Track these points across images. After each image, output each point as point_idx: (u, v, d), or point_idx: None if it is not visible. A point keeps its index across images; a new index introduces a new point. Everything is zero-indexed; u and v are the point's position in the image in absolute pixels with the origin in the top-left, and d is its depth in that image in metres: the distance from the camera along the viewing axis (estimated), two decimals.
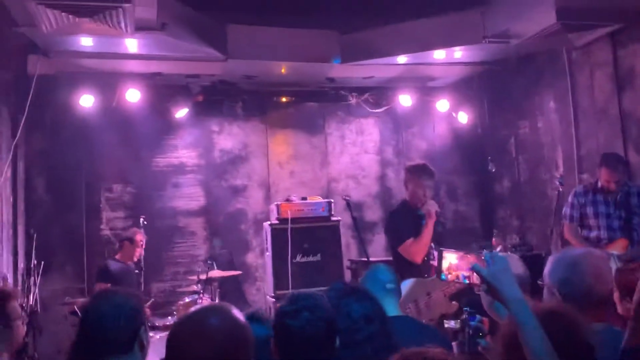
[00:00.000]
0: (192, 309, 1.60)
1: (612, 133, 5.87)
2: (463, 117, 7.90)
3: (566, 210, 5.11)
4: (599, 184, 4.90)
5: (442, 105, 7.87)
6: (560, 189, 5.24)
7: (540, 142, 7.01)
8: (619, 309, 2.86)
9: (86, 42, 5.70)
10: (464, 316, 2.60)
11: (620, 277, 2.87)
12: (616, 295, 2.88)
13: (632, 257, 4.59)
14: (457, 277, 1.86)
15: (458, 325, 2.72)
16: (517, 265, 2.47)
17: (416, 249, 4.46)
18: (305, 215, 6.35)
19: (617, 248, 4.69)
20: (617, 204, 4.82)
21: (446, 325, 2.95)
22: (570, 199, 5.11)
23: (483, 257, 1.72)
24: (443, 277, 1.88)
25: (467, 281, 1.84)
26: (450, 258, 1.88)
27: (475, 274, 1.71)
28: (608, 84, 5.92)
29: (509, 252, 5.55)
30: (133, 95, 6.85)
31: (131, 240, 6.11)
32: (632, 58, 5.62)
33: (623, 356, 1.49)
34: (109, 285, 5.81)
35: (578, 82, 6.35)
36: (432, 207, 4.51)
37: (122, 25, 4.96)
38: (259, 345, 2.02)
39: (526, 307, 1.61)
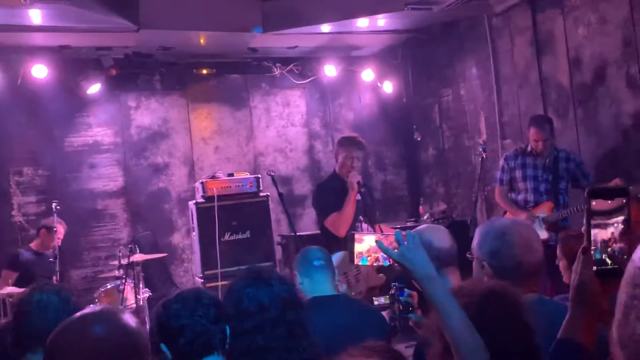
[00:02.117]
0: (75, 315, 1.39)
1: (533, 98, 5.97)
2: (388, 87, 7.87)
3: (496, 174, 5.18)
4: (529, 148, 4.96)
5: (367, 75, 7.80)
6: (484, 156, 5.27)
7: (463, 110, 7.07)
8: (566, 278, 2.87)
9: None
10: (392, 291, 2.51)
11: (566, 245, 2.88)
12: (563, 264, 2.89)
13: (556, 220, 4.70)
14: (377, 259, 1.75)
15: (387, 301, 2.64)
16: (444, 238, 2.41)
17: (339, 222, 4.37)
18: (233, 192, 6.16)
19: (543, 211, 4.77)
20: (545, 168, 4.90)
21: (375, 302, 2.88)
22: (500, 162, 5.17)
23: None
24: (364, 260, 1.76)
25: (387, 263, 1.73)
26: (369, 240, 1.76)
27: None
28: (528, 49, 5.99)
29: (434, 224, 5.57)
30: (40, 71, 6.40)
31: (48, 229, 5.76)
32: (551, 23, 5.69)
33: (558, 347, 1.42)
34: (17, 273, 5.51)
35: (499, 48, 6.40)
36: (353, 178, 4.43)
37: None
38: None
39: (440, 284, 1.52)
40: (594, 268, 1.31)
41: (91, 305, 5.20)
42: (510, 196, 5.07)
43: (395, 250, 1.56)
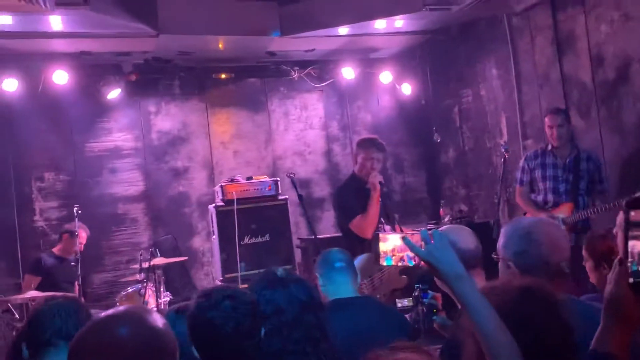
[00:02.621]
0: (100, 315, 1.38)
1: (555, 97, 5.88)
2: (407, 89, 7.82)
3: (517, 174, 5.12)
4: (549, 147, 4.90)
5: (386, 77, 7.76)
6: (506, 156, 5.20)
7: (483, 110, 7.00)
8: (592, 279, 2.81)
9: (5, 20, 5.29)
10: (416, 293, 2.48)
11: (591, 246, 2.82)
12: (589, 265, 2.83)
13: (576, 221, 4.61)
14: (402, 258, 1.71)
15: (410, 303, 2.60)
16: (468, 239, 2.37)
17: (365, 223, 4.35)
18: (252, 195, 6.17)
19: (563, 212, 4.69)
20: (565, 167, 4.83)
21: (399, 304, 2.84)
22: (521, 163, 5.11)
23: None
24: (389, 260, 1.72)
25: (412, 262, 1.70)
26: (393, 240, 1.72)
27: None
28: (548, 48, 5.92)
29: (460, 225, 5.51)
30: (60, 77, 6.46)
31: (72, 234, 5.81)
32: (571, 22, 5.61)
33: (591, 358, 1.38)
34: (40, 278, 5.56)
35: (519, 48, 6.33)
36: (375, 178, 4.41)
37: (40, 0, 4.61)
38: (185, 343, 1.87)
39: (470, 283, 1.47)
40: (630, 280, 1.28)
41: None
42: (531, 197, 5.01)
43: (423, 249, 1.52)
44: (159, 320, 1.35)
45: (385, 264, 1.70)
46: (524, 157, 5.14)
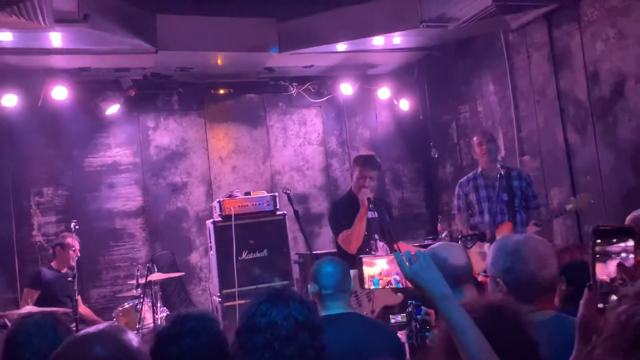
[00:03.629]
0: (77, 334, 1.39)
1: (551, 113, 5.91)
2: (404, 104, 7.87)
3: (453, 202, 5.24)
4: (479, 170, 5.01)
5: (384, 93, 7.82)
6: (502, 172, 5.21)
7: (480, 126, 7.01)
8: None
9: (5, 36, 5.35)
10: (409, 309, 2.48)
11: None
12: None
13: None
14: (389, 282, 1.71)
15: (404, 319, 2.60)
16: (459, 255, 2.38)
17: (349, 238, 4.36)
18: (250, 210, 6.16)
19: (504, 232, 4.69)
20: (497, 187, 4.92)
21: (392, 320, 2.84)
22: (456, 190, 5.24)
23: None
24: (377, 283, 1.72)
25: (400, 285, 1.70)
26: (380, 264, 1.73)
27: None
28: (545, 64, 5.95)
29: (452, 242, 5.51)
30: (60, 93, 6.51)
31: (62, 246, 5.84)
32: (567, 38, 5.66)
33: None
34: (38, 292, 5.55)
35: (516, 64, 6.37)
36: (363, 195, 4.42)
37: (40, 17, 4.65)
38: None
39: (454, 303, 1.50)
40: (600, 305, 1.30)
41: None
42: (470, 221, 5.08)
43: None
44: (134, 340, 1.37)
45: (373, 287, 1.70)
46: (458, 184, 5.27)
